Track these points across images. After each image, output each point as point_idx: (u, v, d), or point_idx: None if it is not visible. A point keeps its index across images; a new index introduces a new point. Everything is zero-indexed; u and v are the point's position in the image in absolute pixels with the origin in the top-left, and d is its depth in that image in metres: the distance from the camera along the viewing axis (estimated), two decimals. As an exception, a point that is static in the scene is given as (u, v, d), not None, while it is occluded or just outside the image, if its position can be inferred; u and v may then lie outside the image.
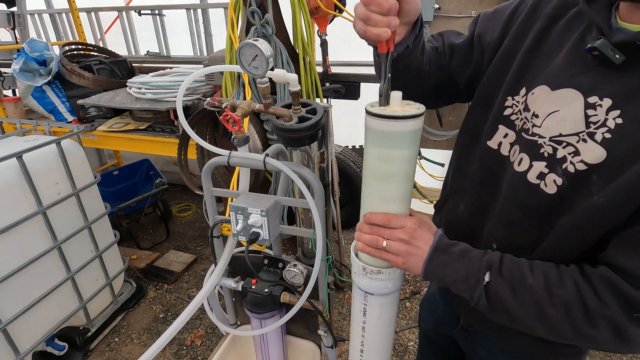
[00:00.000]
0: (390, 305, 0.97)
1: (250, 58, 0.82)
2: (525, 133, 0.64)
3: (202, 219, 3.29)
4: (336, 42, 2.22)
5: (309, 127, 0.89)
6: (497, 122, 0.70)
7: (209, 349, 2.04)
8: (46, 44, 2.43)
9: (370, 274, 0.90)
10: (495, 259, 0.64)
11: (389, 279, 0.89)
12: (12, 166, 1.54)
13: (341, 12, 1.70)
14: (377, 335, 1.03)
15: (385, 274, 0.88)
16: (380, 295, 0.93)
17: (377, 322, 0.99)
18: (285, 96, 1.58)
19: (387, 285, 0.90)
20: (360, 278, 0.94)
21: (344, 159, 2.67)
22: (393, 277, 0.89)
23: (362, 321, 1.01)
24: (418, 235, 0.70)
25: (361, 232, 0.76)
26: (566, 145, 0.57)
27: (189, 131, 0.99)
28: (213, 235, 1.15)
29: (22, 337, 1.65)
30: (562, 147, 0.58)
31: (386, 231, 0.72)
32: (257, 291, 1.15)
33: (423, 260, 0.69)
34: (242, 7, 1.49)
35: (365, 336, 1.04)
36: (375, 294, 0.93)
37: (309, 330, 1.39)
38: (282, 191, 1.20)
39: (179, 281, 2.55)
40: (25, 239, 1.62)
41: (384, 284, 0.90)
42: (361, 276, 0.93)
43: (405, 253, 0.70)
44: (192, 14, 2.97)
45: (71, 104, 2.49)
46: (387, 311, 0.98)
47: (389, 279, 0.89)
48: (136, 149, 2.23)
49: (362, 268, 0.90)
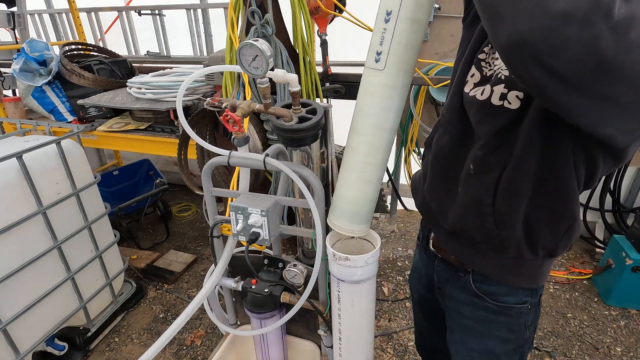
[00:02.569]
0: (362, 295, 0.98)
1: (250, 58, 0.82)
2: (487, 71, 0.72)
3: (202, 219, 3.29)
4: (336, 42, 2.22)
5: (309, 127, 0.89)
6: (470, 65, 0.76)
7: (209, 349, 2.04)
8: (46, 44, 2.43)
9: (338, 259, 0.92)
10: None
11: (357, 267, 0.91)
12: (12, 166, 1.54)
13: (341, 12, 1.70)
14: (352, 322, 1.05)
15: (351, 260, 0.90)
16: (350, 282, 0.94)
17: (350, 310, 1.01)
18: (285, 96, 1.58)
19: (355, 272, 0.92)
20: (332, 265, 0.96)
21: (344, 159, 2.67)
22: (360, 264, 0.90)
23: (338, 308, 1.04)
24: None
25: None
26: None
27: (189, 131, 0.99)
28: (213, 235, 1.16)
29: (22, 337, 1.65)
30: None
31: None
32: (257, 291, 1.16)
33: None
34: (242, 7, 1.49)
35: (341, 323, 1.06)
36: (345, 281, 0.95)
37: (309, 330, 1.39)
38: (282, 191, 1.20)
39: (179, 281, 2.55)
40: (25, 239, 1.62)
41: (351, 271, 0.92)
42: (333, 263, 0.95)
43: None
44: (192, 14, 2.98)
45: (71, 104, 2.49)
46: (360, 300, 0.99)
47: (357, 267, 0.91)
48: (136, 149, 2.23)
49: (333, 254, 0.92)
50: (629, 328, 2.11)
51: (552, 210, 0.74)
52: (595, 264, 2.51)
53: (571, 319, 2.17)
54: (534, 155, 0.67)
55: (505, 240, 0.78)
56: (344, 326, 1.06)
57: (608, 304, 2.25)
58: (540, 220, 0.75)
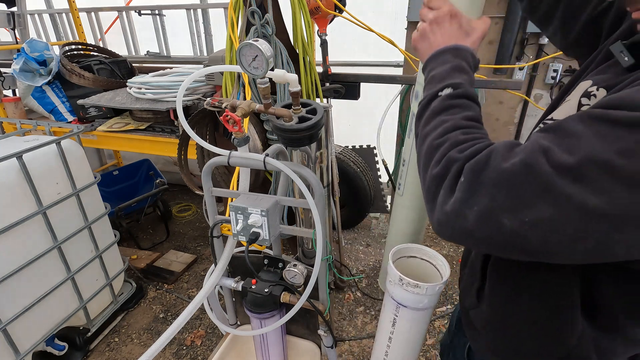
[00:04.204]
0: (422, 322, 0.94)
1: (251, 58, 0.82)
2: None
3: (202, 219, 3.29)
4: (336, 42, 2.23)
5: (309, 128, 0.89)
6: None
7: (209, 349, 2.04)
8: (46, 44, 2.42)
9: (406, 285, 0.87)
10: (466, 88, 0.63)
11: (426, 295, 0.86)
12: (12, 166, 1.54)
13: (341, 12, 1.70)
14: (404, 349, 1.00)
15: (422, 288, 0.85)
16: (414, 309, 0.91)
17: (406, 336, 0.97)
18: (285, 96, 1.58)
19: (422, 300, 0.88)
20: (394, 287, 0.91)
21: (344, 159, 2.67)
22: (430, 292, 0.86)
23: (390, 331, 0.99)
24: (444, 23, 0.69)
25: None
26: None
27: (189, 131, 0.99)
28: (213, 235, 1.16)
29: (22, 337, 1.65)
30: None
31: (424, 10, 0.73)
32: (257, 291, 1.15)
33: (432, 50, 0.69)
34: (242, 7, 1.49)
35: (391, 347, 1.02)
36: (408, 307, 0.91)
37: (309, 330, 1.39)
38: (282, 191, 1.20)
39: (179, 281, 2.55)
40: (25, 239, 1.62)
41: (419, 299, 0.87)
42: (396, 286, 0.90)
43: (422, 33, 0.71)
44: (192, 14, 2.98)
45: (71, 104, 2.49)
46: (418, 327, 0.95)
47: (426, 295, 0.86)
48: (136, 149, 2.23)
49: (399, 278, 0.88)
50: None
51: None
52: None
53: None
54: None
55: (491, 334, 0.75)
56: (392, 350, 1.02)
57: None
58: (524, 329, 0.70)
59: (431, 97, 0.64)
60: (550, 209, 0.44)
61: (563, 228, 0.45)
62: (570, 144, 0.45)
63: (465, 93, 0.62)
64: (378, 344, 1.05)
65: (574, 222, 0.44)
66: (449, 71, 0.65)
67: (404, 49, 1.95)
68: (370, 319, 2.19)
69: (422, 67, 0.72)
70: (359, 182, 2.70)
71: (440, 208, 0.53)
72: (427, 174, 0.57)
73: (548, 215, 0.45)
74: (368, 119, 3.19)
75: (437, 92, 0.63)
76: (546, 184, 0.44)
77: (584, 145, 0.44)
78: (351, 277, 2.53)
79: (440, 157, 0.55)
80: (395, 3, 2.88)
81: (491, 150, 0.51)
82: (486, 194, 0.48)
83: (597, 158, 0.42)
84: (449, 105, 0.61)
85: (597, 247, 0.45)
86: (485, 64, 2.42)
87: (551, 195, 0.44)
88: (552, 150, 0.45)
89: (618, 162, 0.41)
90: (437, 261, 0.97)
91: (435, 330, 2.11)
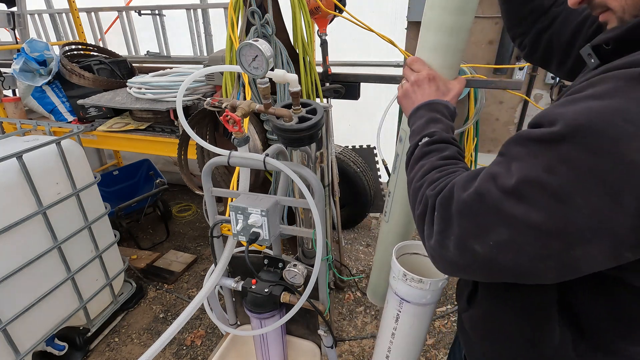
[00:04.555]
0: (425, 317, 0.95)
1: (251, 58, 0.82)
2: None
3: (202, 219, 3.29)
4: (336, 42, 2.22)
5: (309, 128, 0.89)
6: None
7: (209, 349, 2.04)
8: (46, 44, 2.42)
9: (410, 281, 0.87)
10: (441, 134, 0.71)
11: (429, 290, 0.87)
12: (12, 166, 1.54)
13: (341, 12, 1.70)
14: (407, 344, 1.00)
15: (426, 283, 0.86)
16: (417, 304, 0.91)
17: (408, 332, 0.97)
18: (285, 96, 1.58)
19: (425, 295, 0.88)
20: (398, 283, 0.91)
21: (344, 159, 2.67)
22: (433, 288, 0.86)
23: (393, 327, 0.99)
24: (423, 85, 0.80)
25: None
26: None
27: (189, 131, 0.99)
28: (213, 235, 1.16)
29: (22, 337, 1.65)
30: None
31: (406, 71, 0.85)
32: (257, 291, 1.15)
33: (413, 106, 0.80)
34: (242, 7, 1.49)
35: (393, 342, 1.02)
36: (411, 302, 0.91)
37: (309, 330, 1.39)
38: (282, 191, 1.20)
39: (179, 281, 2.55)
40: (25, 239, 1.62)
41: (422, 294, 0.88)
42: (400, 282, 0.90)
43: (405, 92, 0.82)
44: (192, 14, 2.98)
45: (71, 104, 2.49)
46: (421, 323, 0.96)
47: (429, 290, 0.87)
48: (136, 149, 2.23)
49: (403, 274, 0.88)
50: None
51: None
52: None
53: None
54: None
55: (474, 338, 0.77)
56: (395, 347, 1.02)
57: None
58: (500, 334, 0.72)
59: (413, 148, 0.73)
60: (506, 230, 0.47)
61: (524, 248, 0.47)
62: (512, 166, 0.48)
63: (439, 139, 0.70)
64: (381, 341, 1.06)
65: (530, 241, 0.46)
66: (424, 124, 0.74)
67: (404, 49, 1.95)
68: (371, 319, 2.19)
69: (407, 122, 0.81)
70: (359, 182, 2.70)
71: (427, 243, 0.58)
72: (415, 215, 0.63)
73: (507, 237, 0.47)
74: (368, 119, 3.19)
75: (417, 143, 0.72)
76: (496, 207, 0.48)
77: (520, 166, 0.47)
78: (351, 277, 2.53)
79: (420, 197, 0.61)
80: (395, 3, 2.88)
81: (454, 183, 0.55)
82: (456, 224, 0.52)
83: (529, 177, 0.45)
84: (427, 151, 0.69)
85: (563, 265, 0.47)
86: (485, 64, 2.42)
87: (503, 217, 0.47)
88: (499, 175, 0.49)
89: (546, 178, 0.44)
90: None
91: (435, 330, 2.11)
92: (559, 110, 0.45)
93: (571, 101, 0.46)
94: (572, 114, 0.44)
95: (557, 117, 0.45)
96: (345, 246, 2.86)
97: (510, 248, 0.48)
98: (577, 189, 0.43)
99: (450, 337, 2.07)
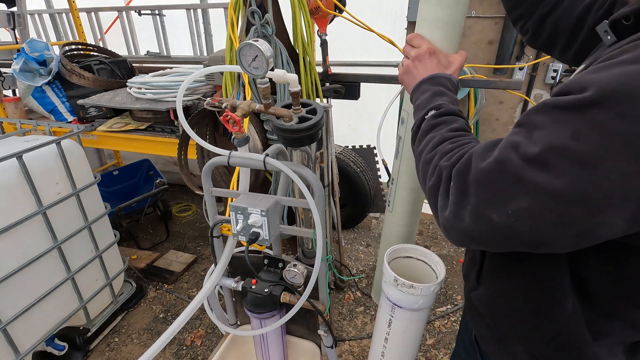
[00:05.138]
0: (418, 322, 0.95)
1: (251, 58, 0.82)
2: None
3: (202, 219, 3.29)
4: (336, 42, 2.22)
5: (309, 128, 0.89)
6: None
7: (209, 349, 2.04)
8: (46, 44, 2.42)
9: (401, 286, 0.87)
10: (448, 106, 0.71)
11: (421, 295, 0.87)
12: (12, 166, 1.54)
13: (341, 12, 1.70)
14: (400, 349, 1.00)
15: (417, 288, 0.85)
16: (409, 309, 0.91)
17: (402, 336, 0.97)
18: (285, 96, 1.58)
19: (417, 300, 0.88)
20: (390, 288, 0.91)
21: (344, 159, 2.67)
22: (425, 293, 0.86)
23: (386, 332, 0.99)
24: (424, 59, 0.80)
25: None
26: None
27: (189, 131, 0.99)
28: (213, 235, 1.16)
29: (22, 337, 1.65)
30: None
31: (406, 47, 0.84)
32: (257, 291, 1.15)
33: (415, 81, 0.80)
34: (242, 7, 1.49)
35: (387, 347, 1.02)
36: (403, 308, 0.91)
37: (309, 330, 1.39)
38: (282, 191, 1.20)
39: (179, 281, 2.55)
40: (25, 239, 1.62)
41: (414, 299, 0.88)
42: (391, 287, 0.90)
43: (406, 68, 0.82)
44: (192, 14, 2.98)
45: (71, 104, 2.49)
46: (414, 327, 0.95)
47: (421, 295, 0.87)
48: (136, 149, 2.23)
49: (394, 279, 0.88)
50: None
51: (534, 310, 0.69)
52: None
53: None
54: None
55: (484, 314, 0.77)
56: (389, 351, 1.02)
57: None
58: (511, 306, 0.71)
59: (419, 122, 0.73)
60: (526, 198, 0.47)
61: (543, 215, 0.47)
62: (534, 135, 0.48)
63: (447, 111, 0.70)
64: (375, 345, 1.06)
65: (550, 208, 0.47)
66: (429, 97, 0.74)
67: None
68: (370, 319, 2.19)
69: (410, 98, 0.81)
70: (359, 182, 2.70)
71: (441, 214, 0.58)
72: (426, 187, 0.63)
73: (527, 205, 0.48)
74: (368, 119, 3.19)
75: (424, 116, 0.72)
76: (518, 175, 0.48)
77: (544, 134, 0.47)
78: (351, 277, 2.53)
79: (433, 168, 0.61)
80: (395, 3, 2.88)
81: (471, 152, 0.56)
82: (473, 193, 0.52)
83: (554, 144, 0.45)
84: (435, 123, 0.69)
85: (581, 232, 0.47)
86: (485, 64, 2.42)
87: (524, 185, 0.47)
88: (520, 144, 0.49)
89: (573, 145, 0.44)
90: (432, 261, 0.97)
91: (435, 330, 2.11)
92: (590, 77, 0.45)
93: (603, 67, 0.45)
94: (604, 78, 0.43)
95: (588, 83, 0.44)
96: (345, 246, 2.86)
97: (529, 216, 0.48)
98: (607, 154, 0.42)
99: (450, 337, 2.07)
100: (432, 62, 0.79)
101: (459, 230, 0.55)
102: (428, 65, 0.80)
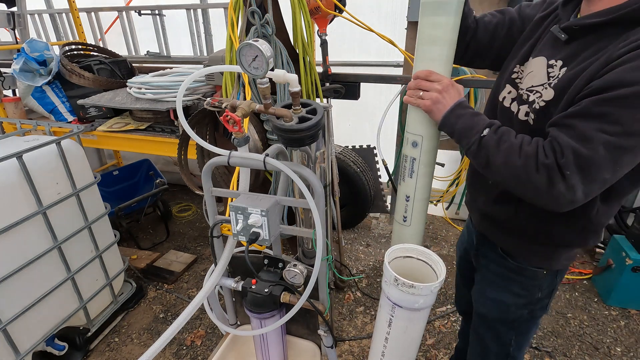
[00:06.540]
0: (419, 322, 0.94)
1: (251, 58, 0.82)
2: (519, 90, 0.94)
3: (202, 219, 3.29)
4: (336, 42, 2.23)
5: (309, 128, 0.89)
6: (506, 82, 0.99)
7: (209, 349, 2.04)
8: (46, 44, 2.42)
9: (402, 285, 0.87)
10: (497, 123, 0.87)
11: (421, 295, 0.87)
12: (12, 166, 1.54)
13: (341, 12, 1.70)
14: (400, 349, 1.00)
15: (417, 288, 0.85)
16: (409, 309, 0.91)
17: (401, 336, 0.97)
18: (285, 96, 1.58)
19: (417, 300, 0.88)
20: (390, 288, 0.91)
21: (344, 159, 2.67)
22: (425, 292, 0.86)
23: (386, 332, 0.98)
24: (450, 90, 0.94)
25: (408, 88, 1.00)
26: (535, 92, 0.87)
27: (189, 131, 0.99)
28: (213, 235, 1.16)
29: (22, 337, 1.65)
30: (533, 93, 0.88)
31: (426, 83, 0.96)
32: (257, 291, 1.15)
33: (446, 109, 0.92)
34: (242, 7, 1.49)
35: (387, 347, 1.01)
36: (404, 307, 0.91)
37: (309, 330, 1.39)
38: (282, 191, 1.20)
39: (179, 281, 2.55)
40: (25, 239, 1.62)
41: (414, 299, 0.88)
42: (392, 286, 0.90)
43: (435, 99, 0.94)
44: (192, 14, 2.98)
45: (71, 104, 2.49)
46: (414, 327, 0.95)
47: (421, 295, 0.87)
48: (136, 149, 2.23)
49: (394, 278, 0.88)
50: (629, 328, 2.11)
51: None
52: (595, 264, 2.51)
53: (571, 319, 2.17)
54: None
55: (523, 226, 0.96)
56: (389, 351, 1.01)
57: (608, 304, 2.25)
58: (553, 215, 0.88)
59: (478, 140, 0.86)
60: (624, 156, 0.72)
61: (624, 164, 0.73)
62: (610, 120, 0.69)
63: (498, 125, 0.86)
64: (375, 345, 1.05)
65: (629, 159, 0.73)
66: (470, 117, 0.89)
67: (404, 49, 1.95)
68: (370, 319, 2.19)
69: (441, 124, 0.94)
70: (359, 182, 2.70)
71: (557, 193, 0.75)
72: (529, 186, 0.78)
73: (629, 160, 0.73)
74: (368, 119, 3.19)
75: (481, 135, 0.85)
76: (611, 147, 0.70)
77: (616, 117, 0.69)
78: (351, 277, 2.53)
79: (535, 166, 0.76)
80: (395, 3, 2.88)
81: (567, 145, 0.73)
82: (594, 169, 0.72)
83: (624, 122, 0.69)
84: (500, 136, 0.83)
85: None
86: (485, 64, 2.41)
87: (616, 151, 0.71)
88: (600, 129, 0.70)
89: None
90: (432, 261, 0.97)
91: (435, 330, 2.11)
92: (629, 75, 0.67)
93: (633, 69, 0.67)
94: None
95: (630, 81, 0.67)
96: (345, 246, 2.86)
97: (629, 165, 0.73)
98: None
99: (450, 337, 2.07)
100: (454, 91, 0.94)
101: (573, 199, 0.75)
102: (452, 94, 0.94)
